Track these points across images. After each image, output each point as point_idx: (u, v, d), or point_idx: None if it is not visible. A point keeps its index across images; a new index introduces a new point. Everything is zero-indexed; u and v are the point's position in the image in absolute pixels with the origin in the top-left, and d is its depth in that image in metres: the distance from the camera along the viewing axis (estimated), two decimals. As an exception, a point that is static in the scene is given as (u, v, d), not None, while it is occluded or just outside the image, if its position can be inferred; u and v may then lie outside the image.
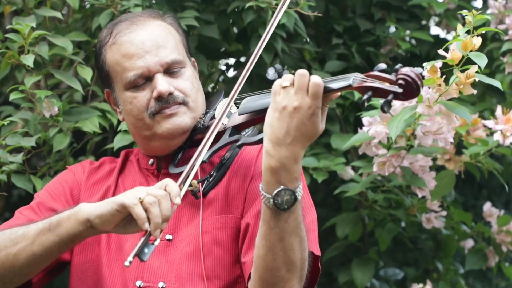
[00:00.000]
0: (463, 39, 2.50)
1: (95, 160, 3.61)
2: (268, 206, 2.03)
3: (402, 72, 1.94)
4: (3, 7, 3.26)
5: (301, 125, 1.99)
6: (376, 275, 3.94)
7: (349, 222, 3.49)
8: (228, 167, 2.32)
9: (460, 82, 2.51)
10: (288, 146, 1.99)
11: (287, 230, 2.03)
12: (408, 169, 2.96)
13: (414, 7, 3.83)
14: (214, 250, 2.24)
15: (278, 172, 2.01)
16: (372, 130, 2.85)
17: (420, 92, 1.95)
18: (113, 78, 2.38)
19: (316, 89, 1.98)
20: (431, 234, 3.89)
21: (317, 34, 3.87)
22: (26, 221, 2.31)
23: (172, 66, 2.33)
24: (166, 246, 2.27)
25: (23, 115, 3.13)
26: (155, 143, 2.36)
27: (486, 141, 3.06)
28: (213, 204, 2.28)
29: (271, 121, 2.02)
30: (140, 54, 2.31)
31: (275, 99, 2.02)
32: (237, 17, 3.47)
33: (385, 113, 2.04)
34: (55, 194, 2.42)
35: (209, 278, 2.21)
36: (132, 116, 2.35)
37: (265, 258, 2.06)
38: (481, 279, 5.02)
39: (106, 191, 2.42)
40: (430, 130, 2.78)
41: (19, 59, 2.94)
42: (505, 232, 3.58)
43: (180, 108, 2.32)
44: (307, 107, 1.98)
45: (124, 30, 2.35)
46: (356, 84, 1.98)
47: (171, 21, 2.43)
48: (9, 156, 2.98)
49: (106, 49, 2.37)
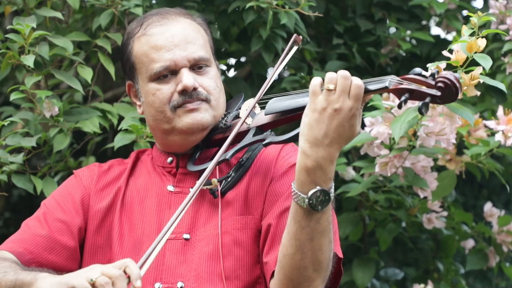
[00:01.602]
0: (467, 40, 2.49)
1: (96, 161, 3.62)
2: (301, 206, 2.03)
3: (441, 75, 1.96)
4: (4, 7, 3.25)
5: (340, 127, 2.00)
6: (376, 275, 3.94)
7: (350, 222, 3.49)
8: (248, 168, 2.32)
9: (464, 83, 2.51)
10: (326, 147, 2.00)
11: (318, 230, 2.04)
12: (410, 170, 2.96)
13: (414, 7, 3.83)
14: (235, 250, 2.24)
15: (314, 172, 2.01)
16: (375, 130, 2.84)
17: (458, 96, 1.96)
18: (138, 69, 2.38)
19: (358, 91, 1.99)
20: (431, 234, 3.89)
21: (318, 34, 3.86)
22: (30, 236, 2.33)
23: (199, 63, 2.35)
24: (183, 245, 2.27)
25: (24, 115, 3.12)
26: (174, 137, 2.35)
27: (488, 141, 3.06)
28: (233, 205, 2.28)
29: (309, 121, 2.02)
30: (168, 47, 2.33)
31: (314, 100, 2.02)
32: (237, 17, 3.47)
33: (423, 115, 2.06)
34: (63, 203, 2.41)
35: (229, 278, 2.21)
36: (154, 108, 2.35)
37: (293, 257, 2.06)
38: (481, 279, 5.02)
39: (117, 193, 2.41)
40: (433, 131, 2.78)
41: (19, 59, 2.93)
42: (505, 232, 3.58)
43: (203, 104, 2.33)
44: (348, 109, 1.99)
45: (155, 22, 2.38)
46: (392, 86, 2.00)
47: (201, 21, 2.45)
48: (10, 156, 2.97)
49: (135, 40, 2.39)
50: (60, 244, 2.35)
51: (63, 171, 3.54)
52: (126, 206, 2.39)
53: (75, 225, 2.37)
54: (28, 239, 2.34)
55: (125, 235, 2.34)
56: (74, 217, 2.38)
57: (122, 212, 2.39)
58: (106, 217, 2.39)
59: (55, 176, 3.74)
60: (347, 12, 3.89)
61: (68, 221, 2.37)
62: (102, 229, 2.38)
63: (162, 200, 2.36)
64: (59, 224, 2.36)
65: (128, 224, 2.36)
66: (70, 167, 3.43)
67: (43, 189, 2.98)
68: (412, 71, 2.00)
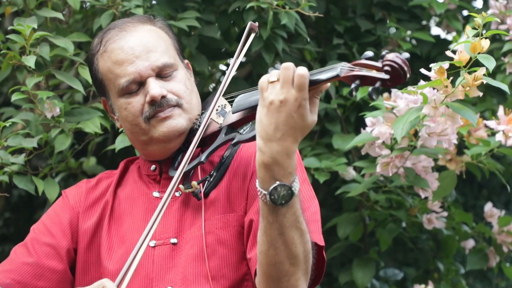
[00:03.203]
0: (470, 40, 2.50)
1: (96, 161, 3.62)
2: (265, 202, 2.03)
3: (387, 58, 1.91)
4: (4, 8, 3.25)
5: (289, 118, 1.98)
6: (376, 275, 3.95)
7: (350, 222, 3.50)
8: (228, 166, 2.32)
9: (467, 84, 2.51)
10: (279, 141, 1.99)
11: (286, 224, 2.03)
12: (411, 170, 2.96)
13: (414, 7, 3.84)
14: (219, 250, 2.23)
15: (272, 168, 2.00)
16: (376, 130, 2.84)
17: (407, 77, 1.93)
18: (106, 86, 2.37)
19: (301, 81, 1.97)
20: (431, 235, 3.89)
21: (318, 34, 3.87)
22: (19, 265, 2.34)
23: (164, 70, 2.32)
24: (171, 250, 2.26)
25: (25, 116, 3.12)
26: (153, 147, 2.35)
27: (488, 141, 3.06)
28: (215, 204, 2.28)
29: (260, 117, 2.02)
30: (130, 60, 2.30)
31: (262, 95, 2.02)
32: (237, 18, 3.47)
33: (373, 100, 2.01)
34: (51, 226, 2.40)
35: (215, 278, 2.21)
36: (128, 122, 2.35)
37: (267, 253, 2.06)
38: (481, 279, 5.02)
39: (104, 208, 2.41)
40: (435, 132, 2.78)
41: (20, 60, 2.93)
42: (506, 232, 3.58)
43: (175, 110, 2.31)
44: (293, 100, 1.97)
45: (113, 37, 2.35)
46: (343, 74, 1.96)
47: (161, 24, 2.42)
48: (11, 157, 2.97)
49: (98, 58, 2.37)
50: (49, 269, 2.35)
51: (65, 171, 3.55)
52: (115, 217, 2.39)
53: (63, 247, 2.37)
54: (15, 269, 2.34)
55: (114, 247, 2.34)
56: (61, 240, 2.38)
57: (111, 225, 2.38)
58: (96, 234, 2.39)
59: (56, 176, 3.75)
60: (347, 12, 3.89)
61: (56, 245, 2.37)
62: (92, 246, 2.38)
63: (149, 207, 2.35)
64: (47, 249, 2.36)
65: (117, 236, 2.36)
66: (71, 168, 3.45)
67: (44, 189, 2.98)
68: (364, 55, 1.97)
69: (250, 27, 2.31)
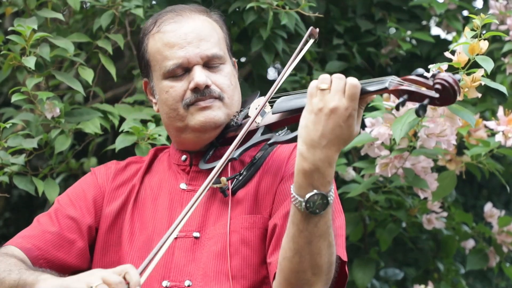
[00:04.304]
0: (469, 42, 2.49)
1: (97, 162, 3.62)
2: (299, 209, 2.01)
3: (439, 76, 1.91)
4: (5, 8, 3.25)
5: (337, 128, 1.97)
6: (376, 276, 3.95)
7: (350, 222, 3.50)
8: (259, 166, 2.31)
9: (465, 85, 2.51)
10: (323, 149, 1.98)
11: (316, 234, 2.02)
12: (410, 171, 2.96)
13: (414, 7, 3.84)
14: (242, 249, 2.23)
15: (312, 175, 1.99)
16: (375, 131, 2.84)
17: (456, 98, 1.91)
18: (152, 66, 2.38)
19: (354, 90, 1.97)
20: (431, 235, 3.89)
21: (318, 34, 3.86)
22: (40, 232, 2.33)
23: (212, 60, 2.33)
24: (193, 243, 2.26)
25: (25, 117, 3.12)
26: (187, 135, 2.35)
27: (488, 142, 3.06)
28: (243, 204, 2.27)
29: (306, 123, 2.00)
30: (181, 45, 2.32)
31: (311, 101, 2.00)
32: (238, 18, 3.47)
33: (420, 117, 2.01)
34: (76, 200, 2.40)
35: (235, 277, 2.20)
36: (167, 106, 2.35)
37: (292, 260, 2.05)
38: (481, 279, 5.02)
39: (131, 191, 2.41)
40: (434, 132, 2.78)
41: (20, 60, 2.94)
42: (506, 232, 3.58)
43: (215, 102, 2.32)
44: (344, 109, 1.97)
45: (168, 19, 2.36)
46: (392, 87, 1.96)
47: (217, 18, 2.43)
48: (11, 157, 2.97)
49: (149, 38, 2.38)
50: (69, 241, 2.35)
51: (65, 172, 3.55)
52: (139, 203, 2.40)
53: (85, 223, 2.37)
54: (37, 235, 2.33)
55: (136, 233, 2.34)
56: (85, 215, 2.38)
57: (135, 210, 2.39)
58: (119, 216, 2.39)
59: (57, 177, 3.74)
60: (347, 12, 3.89)
61: (78, 219, 2.37)
62: (114, 228, 2.38)
63: (174, 198, 2.36)
64: (69, 222, 2.36)
65: (139, 222, 2.36)
66: (71, 168, 3.45)
67: (44, 190, 2.98)
68: (415, 71, 1.96)
69: (310, 32, 2.31)
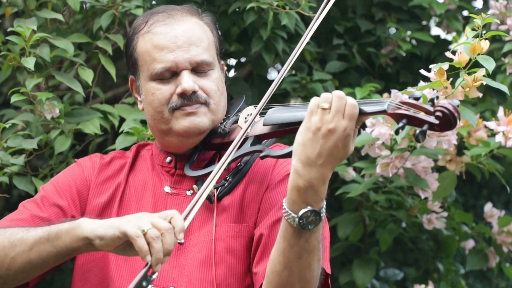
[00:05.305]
0: (470, 41, 2.49)
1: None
2: (291, 225, 2.00)
3: (440, 104, 1.90)
4: (4, 9, 3.25)
5: (334, 147, 1.96)
6: (376, 276, 3.94)
7: (350, 222, 3.50)
8: (245, 173, 2.29)
9: (466, 85, 2.51)
10: (319, 167, 1.97)
11: (306, 249, 2.01)
12: (411, 171, 2.96)
13: (414, 7, 3.84)
14: (227, 258, 2.22)
15: (306, 192, 1.99)
16: (376, 131, 2.84)
17: (456, 124, 1.90)
18: (140, 66, 2.36)
19: (353, 111, 1.96)
20: (431, 235, 3.89)
21: (318, 34, 3.86)
22: (29, 216, 2.30)
23: (201, 66, 2.32)
24: (177, 249, 2.24)
25: (25, 117, 3.12)
26: (171, 139, 2.34)
27: (488, 142, 3.06)
28: (228, 212, 2.26)
29: (303, 140, 1.99)
30: (171, 48, 2.30)
31: (310, 118, 1.99)
32: (238, 18, 3.47)
33: (419, 142, 2.00)
34: (61, 190, 2.38)
35: (220, 286, 2.20)
36: (152, 108, 2.33)
37: (281, 274, 2.04)
38: (481, 279, 5.02)
39: (116, 189, 2.39)
40: (435, 132, 2.78)
41: (20, 61, 2.93)
42: (506, 232, 3.58)
43: (201, 108, 2.30)
44: (343, 129, 1.96)
45: (160, 21, 2.34)
46: (390, 110, 1.95)
47: (208, 21, 2.41)
48: (11, 158, 2.97)
49: (139, 37, 2.36)
50: None
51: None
52: (124, 203, 2.38)
53: (70, 214, 2.34)
54: (26, 219, 2.31)
55: None
56: (70, 206, 2.35)
57: (120, 209, 2.37)
58: (104, 212, 2.37)
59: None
60: (347, 13, 3.89)
61: (65, 208, 2.34)
62: None
63: (158, 201, 2.34)
64: (56, 210, 2.34)
65: None
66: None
67: (44, 190, 2.98)
68: (412, 94, 1.94)
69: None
